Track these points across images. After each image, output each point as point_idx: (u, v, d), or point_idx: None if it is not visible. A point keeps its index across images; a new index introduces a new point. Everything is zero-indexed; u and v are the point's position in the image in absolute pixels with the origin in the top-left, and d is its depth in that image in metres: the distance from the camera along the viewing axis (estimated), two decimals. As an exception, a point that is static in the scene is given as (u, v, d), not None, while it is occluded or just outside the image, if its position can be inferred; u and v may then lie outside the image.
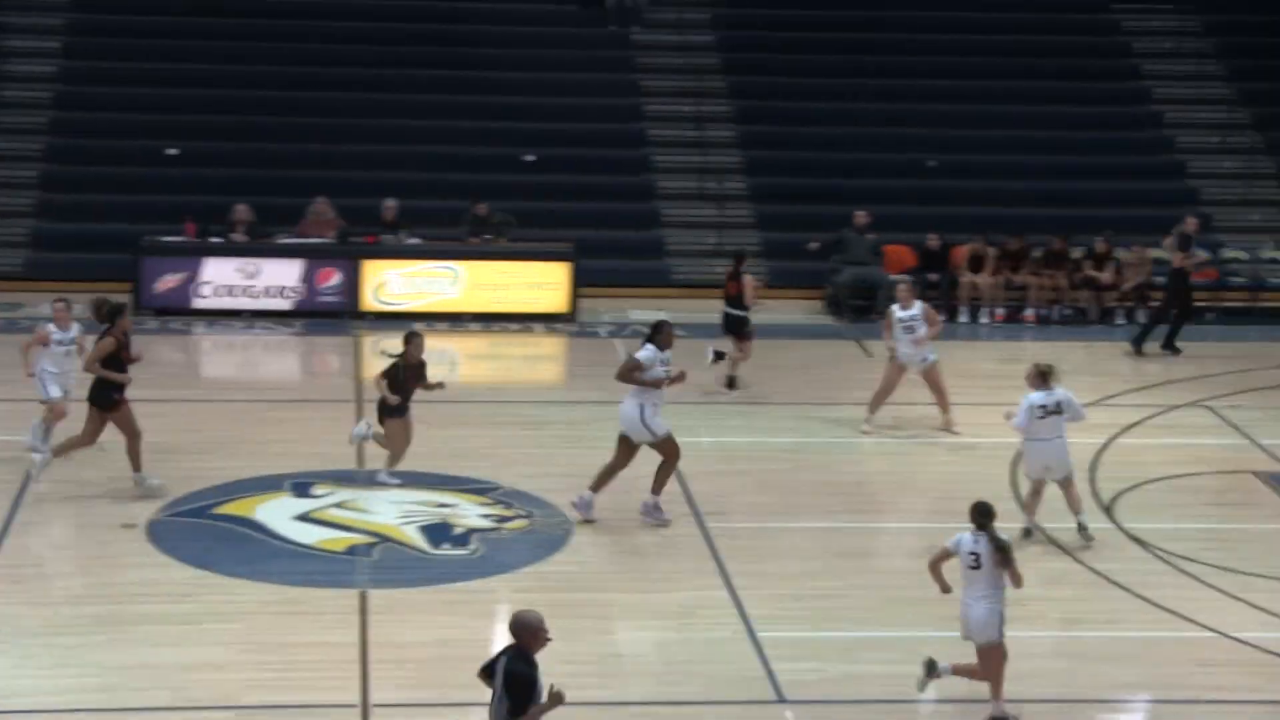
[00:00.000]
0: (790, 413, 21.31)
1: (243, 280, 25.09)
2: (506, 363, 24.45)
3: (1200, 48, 31.82)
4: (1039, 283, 26.21)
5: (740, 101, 30.29)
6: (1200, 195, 29.49)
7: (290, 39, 30.60)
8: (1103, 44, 32.24)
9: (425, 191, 27.90)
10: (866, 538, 17.22)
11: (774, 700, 13.73)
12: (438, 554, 16.51)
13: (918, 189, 29.12)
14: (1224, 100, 30.77)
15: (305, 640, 14.56)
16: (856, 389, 22.33)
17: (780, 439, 20.23)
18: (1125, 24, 32.45)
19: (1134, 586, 15.98)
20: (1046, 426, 16.68)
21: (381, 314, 25.14)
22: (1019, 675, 14.14)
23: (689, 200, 28.72)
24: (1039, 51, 31.71)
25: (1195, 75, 31.31)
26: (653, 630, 14.92)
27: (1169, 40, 32.18)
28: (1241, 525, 17.83)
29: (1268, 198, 29.52)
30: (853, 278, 26.22)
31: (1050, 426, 16.70)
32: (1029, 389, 16.82)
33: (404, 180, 27.84)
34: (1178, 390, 22.46)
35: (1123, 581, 16.10)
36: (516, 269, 25.45)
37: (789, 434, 20.42)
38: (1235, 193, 29.60)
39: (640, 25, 31.38)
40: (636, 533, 17.14)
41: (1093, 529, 17.10)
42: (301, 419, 20.33)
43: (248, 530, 16.94)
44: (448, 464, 18.88)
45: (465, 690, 13.79)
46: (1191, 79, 31.27)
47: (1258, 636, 15.01)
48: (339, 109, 29.51)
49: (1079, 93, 31.04)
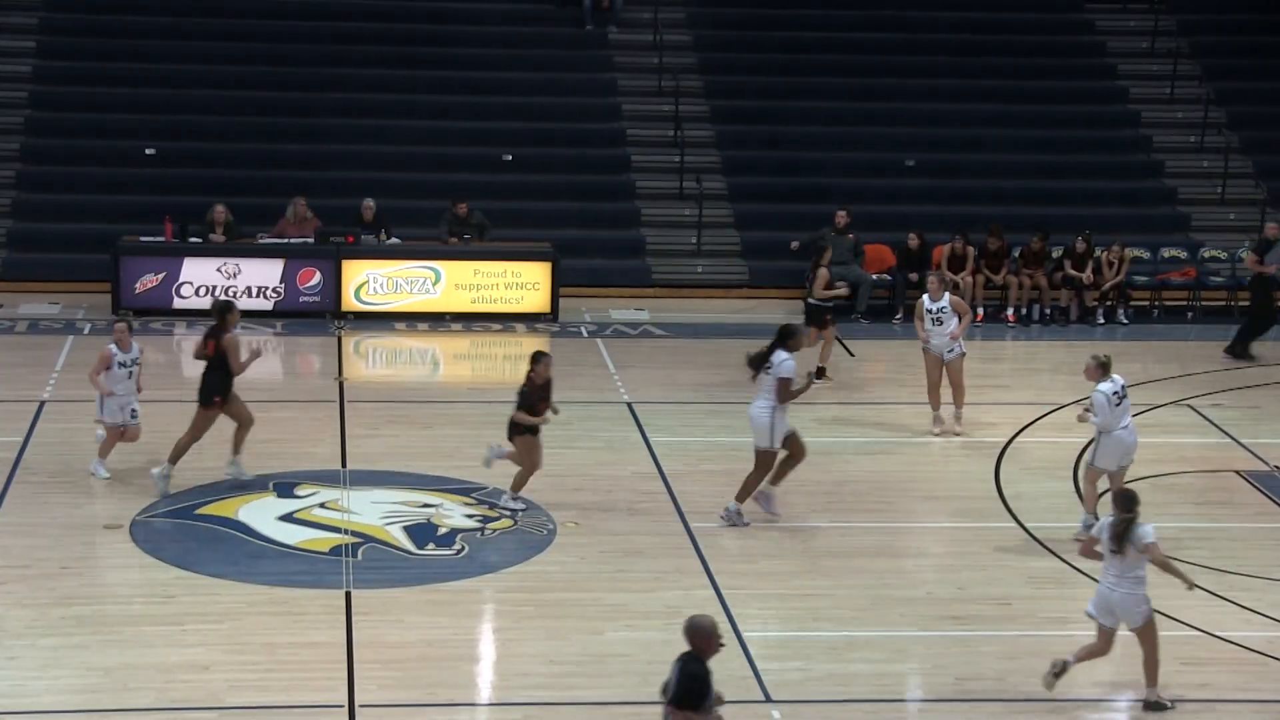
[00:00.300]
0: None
1: (223, 280, 25.02)
2: (488, 363, 24.42)
3: (1176, 47, 31.90)
4: (1018, 282, 26.25)
5: (718, 101, 30.30)
6: (1178, 194, 29.59)
7: (269, 39, 30.52)
8: (1079, 44, 32.34)
9: (405, 191, 27.86)
10: (852, 537, 17.21)
11: (760, 700, 13.72)
12: (422, 554, 16.48)
13: (897, 188, 29.17)
14: (1200, 99, 30.87)
15: (290, 641, 14.52)
16: (839, 388, 22.38)
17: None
18: (1100, 24, 32.55)
19: (1118, 585, 15.99)
20: (1120, 414, 16.81)
21: (362, 314, 25.10)
22: (1005, 674, 14.21)
23: (669, 200, 28.72)
24: (1017, 51, 31.80)
25: (1171, 75, 31.38)
26: (638, 630, 14.90)
27: (1145, 40, 32.27)
28: (1224, 524, 17.87)
29: (1244, 197, 29.61)
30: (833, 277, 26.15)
31: (1124, 413, 16.86)
32: (1093, 383, 16.88)
33: (383, 180, 27.79)
34: (1160, 390, 22.51)
35: (1107, 580, 16.11)
36: (497, 269, 25.41)
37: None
38: (1212, 192, 29.69)
39: (617, 25, 31.37)
40: (621, 533, 17.13)
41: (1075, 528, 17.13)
42: (284, 419, 20.27)
43: (231, 531, 16.89)
44: (431, 464, 18.87)
45: (450, 690, 13.85)
46: (1168, 79, 31.35)
47: (1242, 635, 15.06)
48: (317, 109, 29.45)
49: (1057, 92, 31.14)
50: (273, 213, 26.03)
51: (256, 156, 28.62)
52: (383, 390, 22.27)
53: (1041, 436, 20.52)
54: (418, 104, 29.71)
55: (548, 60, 30.81)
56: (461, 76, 30.24)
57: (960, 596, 15.79)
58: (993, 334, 25.75)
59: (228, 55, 30.06)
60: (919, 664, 14.57)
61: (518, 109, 29.78)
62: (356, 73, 30.03)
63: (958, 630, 15.08)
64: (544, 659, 14.34)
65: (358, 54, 30.36)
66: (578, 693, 13.76)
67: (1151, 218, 29.15)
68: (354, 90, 29.76)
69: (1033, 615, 15.45)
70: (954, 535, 17.46)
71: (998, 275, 26.29)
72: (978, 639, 14.90)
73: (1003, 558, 16.74)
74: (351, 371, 23.07)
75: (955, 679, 14.16)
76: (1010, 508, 18.09)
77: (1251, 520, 17.99)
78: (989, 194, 29.10)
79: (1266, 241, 24.98)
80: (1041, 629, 15.16)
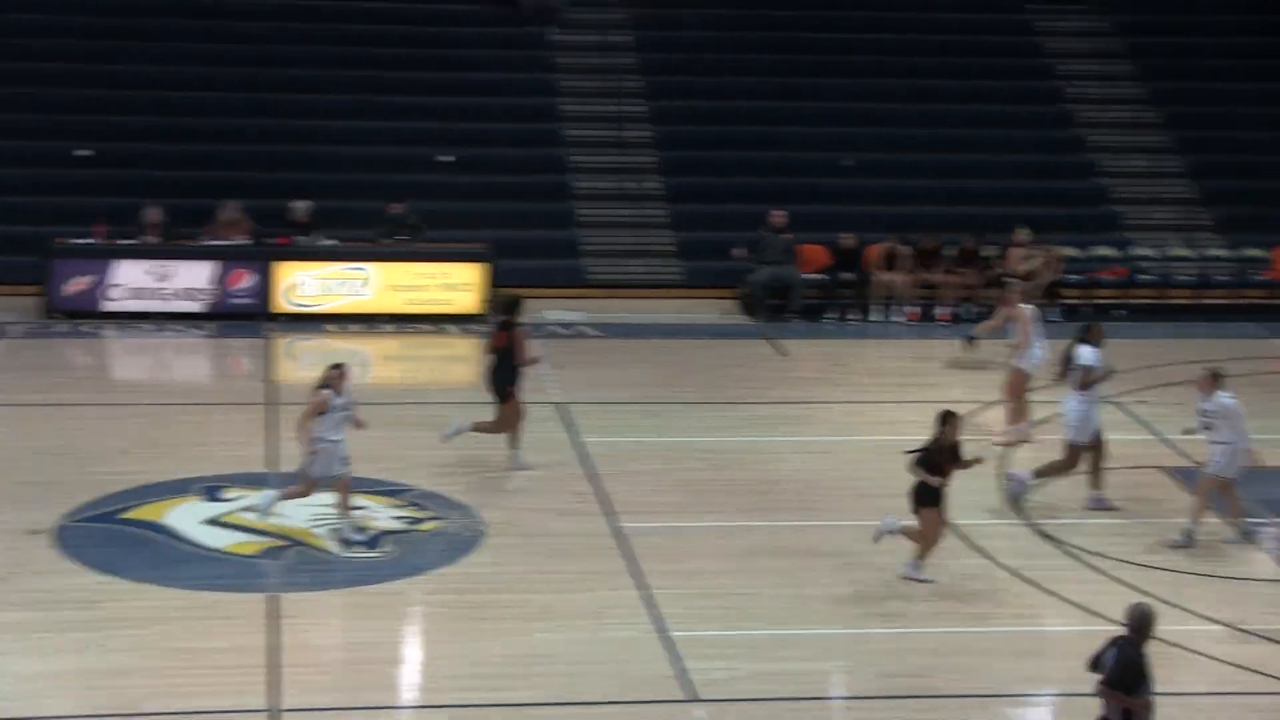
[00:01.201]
0: (705, 412, 21.34)
1: (153, 283, 24.86)
2: (420, 364, 24.36)
3: (1111, 48, 32.09)
4: (952, 281, 26.35)
5: (658, 102, 30.30)
6: (1111, 194, 29.76)
7: (202, 40, 30.31)
8: (1016, 44, 32.47)
9: (339, 193, 27.74)
10: (780, 536, 17.25)
11: (686, 699, 13.74)
12: (350, 557, 16.42)
13: (833, 189, 29.22)
14: (1134, 100, 31.05)
15: (216, 645, 14.45)
16: (770, 388, 22.44)
17: (694, 438, 20.25)
18: (1037, 24, 32.68)
19: (1044, 582, 16.10)
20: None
21: (294, 316, 25.00)
22: (932, 671, 14.26)
23: (605, 200, 28.70)
24: (954, 51, 31.90)
25: (1106, 75, 31.56)
26: (565, 631, 14.90)
27: (1080, 41, 32.45)
28: (1149, 520, 17.97)
29: (1176, 196, 29.80)
30: (768, 277, 26.28)
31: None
32: (1205, 394, 17.23)
33: (317, 181, 27.68)
34: (1089, 387, 22.61)
35: (1032, 577, 16.22)
36: (431, 270, 25.35)
37: (703, 433, 20.45)
38: (1145, 191, 29.87)
39: (558, 25, 31.33)
40: (549, 534, 17.12)
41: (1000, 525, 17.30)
42: (213, 422, 20.18)
43: (157, 535, 16.78)
44: (359, 466, 18.73)
45: (377, 692, 13.81)
46: (1102, 79, 31.53)
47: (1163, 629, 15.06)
48: (251, 110, 29.30)
49: (993, 92, 31.28)
50: (208, 215, 25.88)
51: (190, 158, 28.45)
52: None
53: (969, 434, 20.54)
54: (354, 105, 29.57)
55: (485, 61, 30.75)
56: (398, 77, 30.12)
57: (886, 594, 15.84)
58: (926, 333, 25.83)
59: (159, 56, 29.87)
60: (845, 662, 14.62)
61: (455, 110, 29.72)
62: (291, 73, 29.89)
63: (884, 628, 15.13)
64: (471, 660, 14.32)
65: (293, 54, 30.23)
66: (505, 694, 13.75)
67: (1084, 216, 29.30)
68: (289, 91, 29.62)
69: (957, 612, 15.52)
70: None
71: (931, 274, 26.37)
72: (903, 636, 14.96)
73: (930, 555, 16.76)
74: (282, 374, 22.96)
75: (880, 676, 14.21)
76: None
77: (1175, 516, 18.01)
78: (924, 194, 29.18)
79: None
80: (966, 625, 15.23)
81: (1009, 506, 18.04)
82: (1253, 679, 14.31)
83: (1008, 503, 18.11)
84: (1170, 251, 27.83)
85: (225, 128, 28.96)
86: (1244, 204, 29.68)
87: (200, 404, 20.98)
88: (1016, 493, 18.18)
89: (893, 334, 25.74)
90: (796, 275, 26.29)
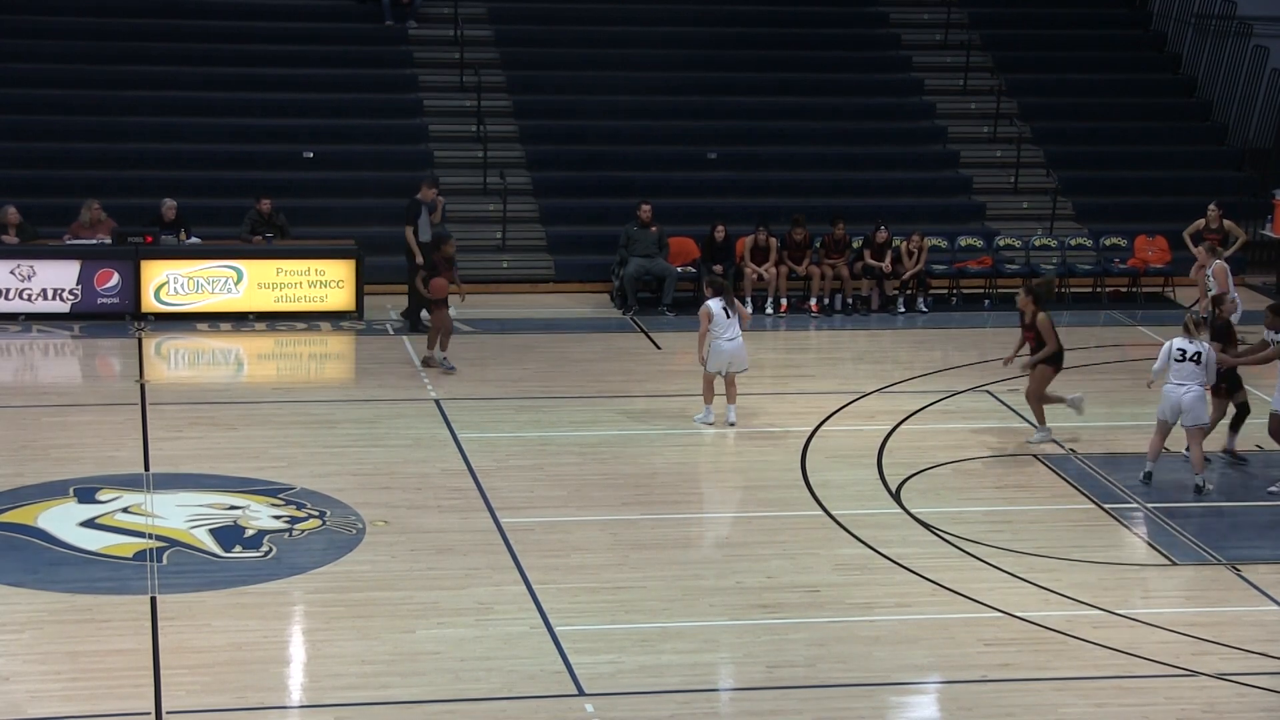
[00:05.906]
0: (581, 406, 21.37)
1: (17, 283, 24.46)
2: (293, 362, 24.16)
3: (968, 40, 32.51)
4: (820, 273, 26.56)
5: (520, 96, 30.26)
6: (973, 184, 30.15)
7: (62, 36, 29.88)
8: (875, 36, 32.81)
9: (205, 190, 27.46)
10: (661, 529, 17.32)
11: (573, 694, 13.76)
12: (229, 557, 16.27)
13: (699, 181, 29.36)
14: (992, 90, 31.48)
15: (94, 649, 14.26)
16: (646, 380, 22.52)
17: (571, 432, 20.29)
18: (894, 16, 33.03)
19: (922, 570, 16.30)
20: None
21: (163, 315, 24.70)
22: (815, 660, 14.40)
23: (472, 195, 28.63)
24: (814, 44, 32.16)
25: (964, 66, 31.97)
26: (450, 628, 14.86)
27: (937, 32, 32.84)
28: (1023, 507, 18.25)
29: (1037, 186, 30.27)
30: (638, 270, 26.35)
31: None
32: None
33: (183, 179, 27.38)
34: (958, 376, 22.95)
35: (911, 565, 16.41)
36: (301, 267, 25.15)
37: (580, 427, 20.48)
38: (1006, 181, 30.31)
39: (416, 20, 31.19)
40: (430, 531, 17.06)
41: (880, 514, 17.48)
42: (83, 423, 19.91)
43: (30, 538, 16.53)
44: (237, 466, 18.64)
45: (261, 693, 13.69)
46: (961, 70, 31.94)
47: (1041, 615, 15.41)
48: (112, 107, 28.90)
49: (854, 84, 31.59)
50: (67, 213, 25.50)
51: (49, 156, 28.02)
52: (186, 392, 21.91)
53: (846, 425, 20.81)
54: (215, 101, 29.27)
55: (347, 56, 30.56)
56: (261, 73, 29.86)
57: (769, 585, 15.96)
58: (796, 324, 26.04)
59: (16, 53, 29.39)
60: (730, 653, 14.71)
61: (318, 105, 29.52)
62: (152, 70, 29.52)
63: (767, 619, 15.24)
64: (355, 659, 14.25)
65: (154, 50, 29.85)
66: (390, 692, 13.70)
67: (948, 207, 29.68)
68: (149, 88, 29.27)
69: (841, 601, 15.66)
70: (762, 524, 17.63)
71: (800, 266, 26.57)
72: (787, 626, 15.07)
73: (810, 545, 16.93)
74: (153, 373, 22.68)
75: (766, 667, 14.31)
76: (816, 495, 18.32)
77: (1049, 503, 18.40)
78: (790, 185, 29.40)
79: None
80: (850, 614, 15.38)
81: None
82: (1127, 661, 14.57)
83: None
84: (1034, 242, 28.24)
85: (85, 125, 28.52)
86: (1102, 193, 30.24)
87: (71, 405, 20.67)
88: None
89: (765, 326, 25.87)
90: (668, 268, 26.38)
